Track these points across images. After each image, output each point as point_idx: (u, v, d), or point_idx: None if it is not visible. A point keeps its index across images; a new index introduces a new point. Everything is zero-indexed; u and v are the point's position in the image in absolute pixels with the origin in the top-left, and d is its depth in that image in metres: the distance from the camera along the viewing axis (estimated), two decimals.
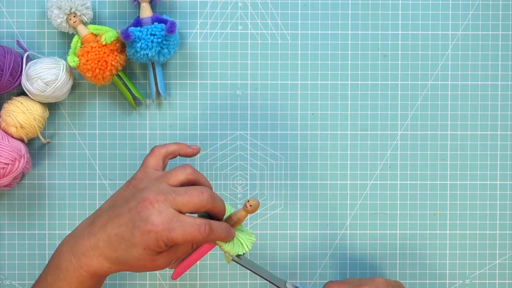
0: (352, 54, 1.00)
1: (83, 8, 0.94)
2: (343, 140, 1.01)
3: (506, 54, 1.01)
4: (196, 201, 0.80)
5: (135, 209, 0.80)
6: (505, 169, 1.01)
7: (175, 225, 0.79)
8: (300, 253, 1.01)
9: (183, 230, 0.79)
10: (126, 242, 0.79)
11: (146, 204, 0.79)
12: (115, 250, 0.80)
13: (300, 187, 1.01)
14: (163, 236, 0.78)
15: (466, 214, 1.01)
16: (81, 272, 0.81)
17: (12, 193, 1.00)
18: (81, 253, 0.81)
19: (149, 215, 0.79)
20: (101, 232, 0.81)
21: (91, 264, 0.80)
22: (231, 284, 1.01)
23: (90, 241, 0.81)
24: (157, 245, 0.79)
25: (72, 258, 0.81)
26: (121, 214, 0.80)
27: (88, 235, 0.81)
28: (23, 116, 0.95)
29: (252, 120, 1.00)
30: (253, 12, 1.00)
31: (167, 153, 0.87)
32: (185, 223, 0.79)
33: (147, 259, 0.80)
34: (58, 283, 0.82)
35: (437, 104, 1.01)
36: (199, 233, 0.79)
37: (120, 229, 0.80)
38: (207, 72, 1.00)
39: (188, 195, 0.80)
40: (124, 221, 0.80)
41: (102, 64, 0.94)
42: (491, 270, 1.02)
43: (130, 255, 0.80)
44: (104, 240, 0.80)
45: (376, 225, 1.01)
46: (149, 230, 0.78)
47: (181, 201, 0.80)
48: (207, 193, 0.81)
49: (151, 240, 0.78)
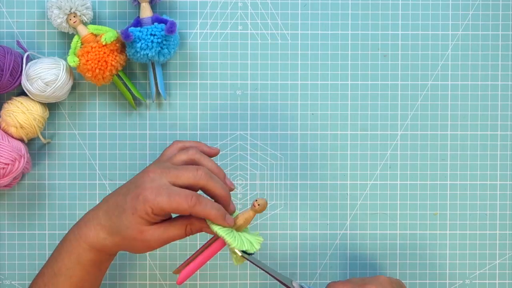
0: (352, 54, 1.00)
1: (83, 8, 0.94)
2: (343, 140, 1.01)
3: (506, 54, 1.01)
4: (190, 175, 0.82)
5: (134, 179, 0.84)
6: (505, 169, 1.01)
7: (163, 191, 0.81)
8: (300, 253, 1.01)
9: (169, 196, 0.80)
10: (119, 208, 0.82)
11: (143, 174, 0.83)
12: (110, 218, 0.83)
13: (300, 187, 1.01)
14: (150, 200, 0.80)
15: (466, 214, 1.01)
16: (80, 243, 0.84)
17: (12, 193, 1.00)
18: (83, 224, 0.85)
19: (142, 182, 0.82)
20: (103, 203, 0.85)
21: (89, 233, 0.84)
22: (231, 284, 1.01)
23: (93, 212, 0.85)
24: (144, 210, 0.81)
25: (75, 229, 0.85)
26: (123, 186, 0.85)
27: (93, 208, 0.86)
28: (23, 116, 0.95)
29: (252, 120, 1.00)
30: (253, 12, 1.00)
31: (184, 147, 0.88)
32: (173, 190, 0.81)
33: (135, 227, 0.82)
34: (62, 254, 0.85)
35: (437, 104, 1.01)
36: (185, 200, 0.80)
37: (117, 198, 0.83)
38: (207, 72, 1.00)
39: (183, 169, 0.83)
40: (123, 191, 0.84)
41: (102, 64, 0.94)
42: (491, 270, 1.02)
43: (121, 222, 0.82)
44: (103, 209, 0.84)
45: (376, 225, 1.01)
46: (138, 194, 0.81)
47: (175, 173, 0.82)
48: (202, 170, 0.83)
49: (139, 203, 0.81)
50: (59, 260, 0.85)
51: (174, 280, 1.01)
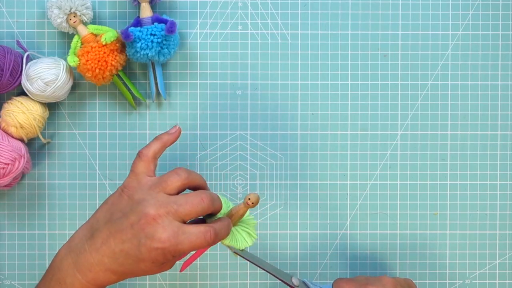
0: (352, 54, 1.00)
1: (83, 8, 0.94)
2: (343, 140, 1.01)
3: (506, 54, 1.01)
4: (198, 209, 0.80)
5: (138, 225, 0.79)
6: (505, 169, 1.01)
7: (181, 238, 0.78)
8: (300, 253, 1.01)
9: (189, 241, 0.78)
10: (132, 257, 0.79)
11: (149, 220, 0.78)
12: (121, 265, 0.80)
13: (300, 187, 1.01)
14: (171, 251, 0.78)
15: (466, 214, 1.01)
16: (88, 286, 0.81)
17: (12, 193, 1.00)
18: (86, 269, 0.80)
19: (154, 232, 0.78)
20: (104, 248, 0.80)
21: (98, 278, 0.80)
22: (231, 284, 1.01)
23: (93, 258, 0.80)
24: (165, 258, 0.79)
25: (77, 274, 0.81)
26: (123, 229, 0.80)
27: (91, 251, 0.81)
28: (23, 116, 0.95)
29: (252, 120, 1.00)
30: (253, 12, 1.00)
31: (155, 153, 0.85)
32: (191, 233, 0.79)
33: (154, 269, 0.80)
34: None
35: (437, 104, 1.01)
36: (205, 240, 0.79)
37: (125, 246, 0.79)
38: (207, 72, 1.00)
39: (189, 205, 0.80)
40: (128, 237, 0.79)
41: (102, 64, 0.94)
42: (491, 270, 1.02)
43: (138, 268, 0.80)
44: (109, 256, 0.80)
45: (376, 225, 1.01)
46: (156, 248, 0.78)
47: (183, 212, 0.79)
48: (207, 198, 0.81)
49: (159, 255, 0.78)
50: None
51: (174, 280, 1.01)
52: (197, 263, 1.00)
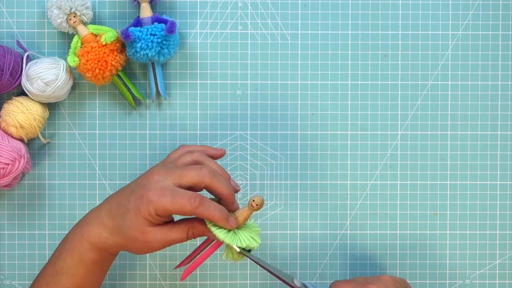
0: (352, 54, 1.00)
1: (83, 8, 0.94)
2: (343, 140, 1.01)
3: (506, 54, 1.01)
4: (194, 174, 0.82)
5: (138, 180, 0.84)
6: (505, 169, 1.01)
7: (166, 192, 0.81)
8: (300, 253, 1.01)
9: (173, 197, 0.80)
10: (122, 208, 0.82)
11: (148, 175, 0.83)
12: (112, 218, 0.83)
13: (300, 187, 1.01)
14: (153, 201, 0.80)
15: (466, 214, 1.01)
16: (82, 242, 0.84)
17: (12, 193, 1.00)
18: (85, 223, 0.85)
19: (146, 183, 0.82)
20: (106, 202, 0.85)
21: (91, 232, 0.84)
22: (231, 284, 1.01)
23: (95, 211, 0.85)
24: (147, 211, 0.81)
25: (78, 228, 0.85)
26: (127, 186, 0.85)
27: (96, 207, 0.86)
28: (23, 116, 0.95)
29: (252, 120, 1.00)
30: (253, 12, 1.00)
31: (191, 150, 0.88)
32: (177, 191, 0.81)
33: (138, 228, 0.82)
34: (64, 253, 0.85)
35: (437, 104, 1.01)
36: (188, 202, 0.80)
37: (121, 198, 0.83)
38: (207, 72, 1.00)
39: (187, 169, 0.83)
40: (127, 191, 0.84)
41: (102, 64, 0.94)
42: (491, 270, 1.02)
43: (124, 222, 0.82)
44: (106, 208, 0.84)
45: (376, 225, 1.01)
46: (142, 195, 0.81)
47: (179, 173, 0.82)
48: (206, 169, 0.83)
49: (143, 204, 0.81)
50: (61, 259, 0.85)
51: (174, 280, 1.01)
52: None
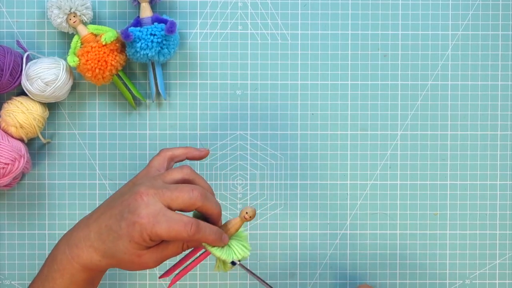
0: (352, 54, 1.00)
1: (83, 8, 0.94)
2: (343, 140, 1.01)
3: (506, 54, 1.01)
4: (185, 197, 0.80)
5: (126, 201, 0.80)
6: (505, 169, 1.01)
7: (160, 219, 0.78)
8: (300, 253, 1.01)
9: (168, 225, 0.78)
10: (113, 233, 0.80)
11: (137, 197, 0.79)
12: (103, 242, 0.80)
13: (300, 187, 1.01)
14: (147, 229, 0.78)
15: (466, 214, 1.01)
16: (73, 264, 0.81)
17: (12, 193, 1.00)
18: (74, 244, 0.82)
19: (137, 207, 0.79)
20: (94, 223, 0.81)
21: (82, 255, 0.81)
22: (231, 284, 1.01)
23: (83, 232, 0.82)
24: (142, 238, 0.79)
25: (66, 249, 0.82)
26: (114, 206, 0.81)
27: (83, 227, 0.82)
28: (23, 116, 0.95)
29: (252, 120, 1.00)
30: (253, 12, 1.00)
31: (173, 156, 0.87)
32: (171, 218, 0.78)
33: (132, 253, 0.80)
34: (52, 274, 0.82)
35: (437, 104, 1.01)
36: (184, 230, 0.79)
37: (110, 221, 0.80)
38: (207, 72, 1.00)
39: (178, 190, 0.80)
40: (115, 212, 0.80)
41: (102, 64, 0.94)
42: (491, 270, 1.02)
43: (117, 248, 0.80)
44: (95, 231, 0.81)
45: (376, 225, 1.01)
46: (134, 222, 0.78)
47: (170, 196, 0.79)
48: (198, 190, 0.80)
49: (136, 232, 0.78)
50: (51, 280, 0.83)
51: None
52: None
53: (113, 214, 0.80)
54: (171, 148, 0.88)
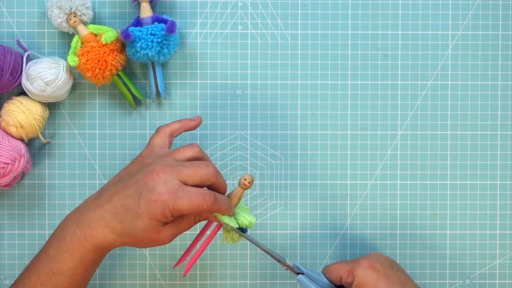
0: (352, 54, 1.00)
1: (83, 8, 0.94)
2: (343, 140, 1.01)
3: (506, 54, 1.01)
4: (203, 173, 0.82)
5: (142, 181, 0.81)
6: (505, 169, 1.01)
7: (181, 194, 0.80)
8: (300, 253, 1.01)
9: (189, 198, 0.80)
10: (132, 212, 0.81)
11: (153, 175, 0.81)
12: (121, 221, 0.81)
13: (300, 187, 1.01)
14: (169, 205, 0.80)
15: (466, 214, 1.01)
16: (85, 244, 0.82)
17: (12, 193, 1.00)
18: (86, 225, 0.82)
19: (155, 185, 0.80)
20: (108, 204, 0.82)
21: (96, 235, 0.82)
22: (231, 284, 1.01)
23: (96, 213, 0.82)
24: (163, 214, 0.80)
25: (77, 230, 0.83)
26: (128, 186, 0.82)
27: (94, 208, 0.83)
28: (23, 115, 0.95)
29: (252, 120, 1.00)
30: (253, 12, 1.00)
31: (172, 131, 0.89)
32: (191, 192, 0.81)
33: (151, 230, 0.81)
34: (61, 254, 0.83)
35: (437, 104, 1.01)
36: (204, 201, 0.81)
37: (126, 201, 0.81)
38: (207, 72, 1.00)
39: (194, 167, 0.82)
40: (130, 192, 0.81)
41: (102, 64, 0.94)
42: (491, 270, 1.02)
43: (136, 226, 0.81)
44: (110, 211, 0.82)
45: (376, 225, 1.01)
46: (155, 200, 0.80)
47: (187, 172, 0.82)
48: (213, 167, 0.83)
49: (157, 209, 0.80)
50: (58, 260, 0.84)
51: (174, 280, 1.01)
52: (197, 263, 1.00)
53: (128, 194, 0.81)
54: (167, 125, 0.89)
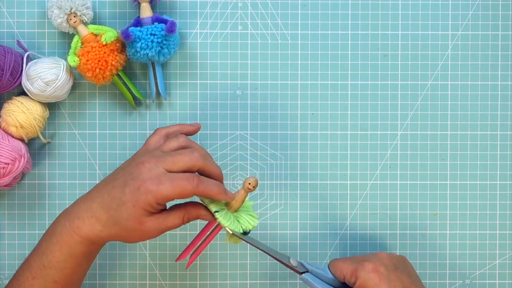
0: (352, 54, 1.00)
1: (83, 8, 0.94)
2: (343, 140, 1.01)
3: (506, 54, 1.01)
4: (186, 159, 0.82)
5: (128, 171, 0.82)
6: (505, 169, 1.01)
7: (163, 179, 0.80)
8: (300, 253, 1.01)
9: (171, 182, 0.80)
10: (117, 201, 0.81)
11: (139, 166, 0.82)
12: (106, 211, 0.82)
13: (300, 187, 1.01)
14: (152, 191, 0.80)
15: (466, 214, 1.01)
16: (73, 235, 0.83)
17: (12, 193, 1.00)
18: (75, 216, 0.83)
19: (139, 174, 0.81)
20: (96, 195, 0.83)
21: (83, 226, 0.83)
22: (231, 284, 1.01)
23: (85, 204, 0.84)
24: (147, 201, 0.80)
25: (66, 222, 0.84)
26: (116, 178, 0.83)
27: (85, 200, 0.84)
28: (23, 116, 0.95)
29: (252, 120, 1.00)
30: (253, 12, 1.00)
31: (168, 133, 0.89)
32: (173, 176, 0.81)
33: (135, 219, 0.81)
34: (51, 247, 0.84)
35: (437, 104, 1.01)
36: (187, 183, 0.80)
37: (113, 191, 0.82)
38: (207, 72, 1.00)
39: (178, 154, 0.82)
40: (118, 183, 0.82)
41: (102, 64, 0.94)
42: (491, 270, 1.02)
43: (120, 214, 0.81)
44: (98, 201, 0.83)
45: (376, 225, 1.01)
46: (138, 186, 0.80)
47: (171, 159, 0.82)
48: (198, 152, 0.83)
49: (141, 195, 0.80)
50: (49, 253, 0.84)
51: (174, 280, 1.01)
52: (197, 263, 1.00)
53: (116, 184, 0.82)
54: (165, 127, 0.90)
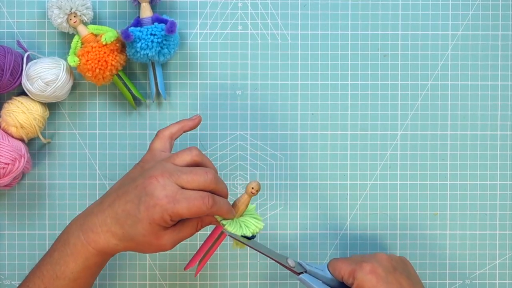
0: (352, 54, 1.00)
1: (83, 8, 0.94)
2: (343, 140, 1.01)
3: (506, 54, 1.01)
4: (201, 180, 0.82)
5: (141, 186, 0.82)
6: (505, 169, 1.01)
7: (179, 197, 0.81)
8: (300, 253, 1.01)
9: (187, 202, 0.81)
10: (132, 217, 0.82)
11: (152, 180, 0.82)
12: (122, 226, 0.82)
13: (300, 187, 1.01)
14: (168, 209, 0.80)
15: (466, 214, 1.01)
16: (88, 248, 0.83)
17: (12, 193, 1.00)
18: (89, 229, 0.84)
19: (154, 190, 0.81)
20: (109, 209, 0.83)
21: (98, 240, 0.83)
22: (231, 284, 1.01)
23: (98, 218, 0.83)
24: (163, 219, 0.81)
25: (81, 234, 0.84)
26: (128, 191, 0.83)
27: (97, 213, 0.84)
28: (23, 116, 0.95)
29: (252, 120, 1.00)
30: (253, 12, 1.00)
31: (172, 134, 0.89)
32: (189, 195, 0.81)
33: (152, 235, 0.82)
34: (65, 258, 0.84)
35: (437, 104, 1.01)
36: (203, 204, 0.81)
37: (127, 206, 0.82)
38: (207, 72, 1.00)
39: (193, 173, 0.83)
40: (131, 197, 0.82)
41: (102, 64, 0.94)
42: (491, 270, 1.02)
43: (136, 231, 0.82)
44: (112, 216, 0.83)
45: (376, 225, 1.01)
46: (154, 204, 0.81)
47: (185, 178, 0.82)
48: (212, 173, 0.83)
49: (156, 213, 0.81)
50: (62, 263, 0.84)
51: (174, 280, 1.01)
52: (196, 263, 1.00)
53: (129, 199, 0.82)
54: (167, 128, 0.90)
